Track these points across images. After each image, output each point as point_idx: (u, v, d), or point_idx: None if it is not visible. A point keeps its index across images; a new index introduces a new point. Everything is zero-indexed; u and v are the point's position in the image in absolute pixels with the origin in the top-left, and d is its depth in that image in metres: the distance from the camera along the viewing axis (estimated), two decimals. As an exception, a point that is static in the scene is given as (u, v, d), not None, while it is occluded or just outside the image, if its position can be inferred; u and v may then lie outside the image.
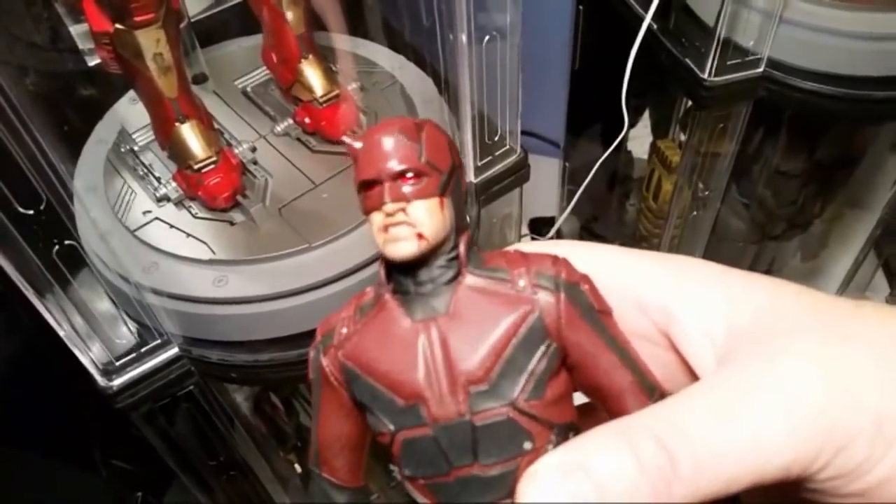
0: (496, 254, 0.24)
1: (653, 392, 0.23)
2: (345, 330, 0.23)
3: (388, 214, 0.22)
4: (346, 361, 0.23)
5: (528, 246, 0.26)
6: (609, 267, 0.25)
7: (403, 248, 0.22)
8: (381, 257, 0.23)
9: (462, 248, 0.23)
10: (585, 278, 0.23)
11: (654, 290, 0.25)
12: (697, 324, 0.24)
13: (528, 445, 0.22)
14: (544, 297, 0.22)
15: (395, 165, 0.22)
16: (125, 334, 0.48)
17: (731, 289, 0.24)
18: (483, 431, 0.21)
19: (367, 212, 0.22)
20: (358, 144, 0.23)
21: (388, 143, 0.22)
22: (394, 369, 0.22)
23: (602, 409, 0.24)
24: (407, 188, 0.22)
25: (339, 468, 0.25)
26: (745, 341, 0.23)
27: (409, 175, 0.22)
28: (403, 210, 0.22)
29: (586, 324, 0.23)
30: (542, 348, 0.22)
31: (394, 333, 0.22)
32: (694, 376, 0.24)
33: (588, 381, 0.24)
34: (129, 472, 0.78)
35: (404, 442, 0.22)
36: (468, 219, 0.26)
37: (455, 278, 0.23)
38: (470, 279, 0.23)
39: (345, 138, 0.24)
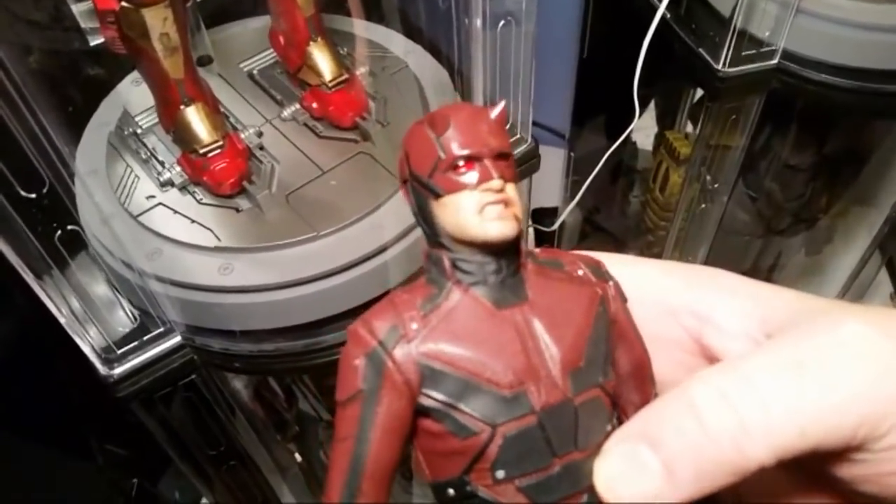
0: (544, 250, 0.24)
1: (653, 381, 0.24)
2: (415, 325, 0.21)
3: (491, 191, 0.21)
4: (426, 359, 0.21)
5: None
6: (640, 277, 0.26)
7: (506, 227, 0.21)
8: (435, 249, 0.22)
9: (521, 241, 0.22)
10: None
11: (684, 297, 0.26)
12: (734, 322, 0.24)
13: (608, 426, 0.22)
14: (602, 285, 0.23)
15: (499, 145, 0.21)
16: (127, 322, 0.47)
17: (759, 292, 0.25)
18: (582, 412, 0.21)
19: (457, 190, 0.21)
20: (445, 119, 0.21)
21: (486, 121, 0.22)
22: (490, 359, 0.21)
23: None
24: (505, 168, 0.21)
25: (376, 498, 0.21)
26: (791, 322, 0.23)
27: (503, 157, 0.22)
28: (503, 190, 0.21)
29: (624, 311, 0.24)
30: (608, 330, 0.23)
31: (482, 323, 0.21)
32: None
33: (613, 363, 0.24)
34: (126, 459, 0.77)
35: (507, 437, 0.21)
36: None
37: (519, 269, 0.22)
38: (533, 268, 0.23)
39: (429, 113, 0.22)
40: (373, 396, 0.21)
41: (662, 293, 0.26)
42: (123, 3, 0.41)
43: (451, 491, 0.21)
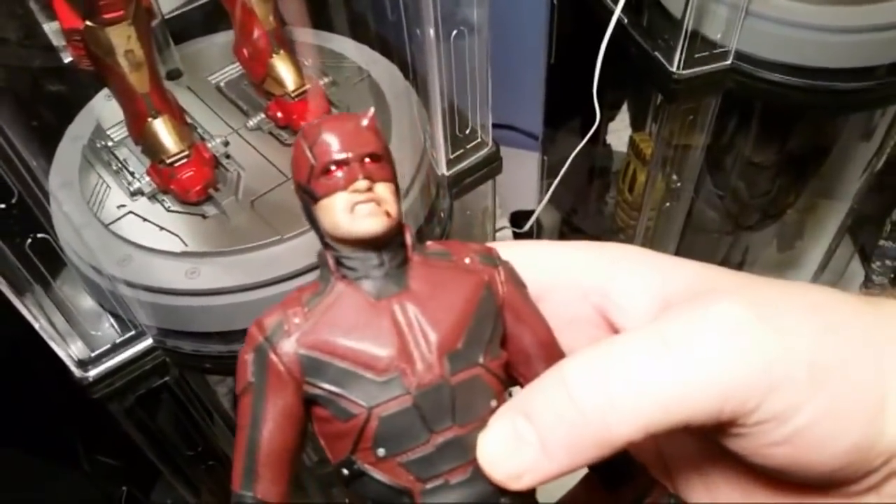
0: (435, 243, 0.26)
1: (562, 357, 0.25)
2: (297, 320, 0.23)
3: (358, 192, 0.22)
4: (307, 351, 0.23)
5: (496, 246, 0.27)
6: (551, 258, 0.27)
7: (375, 223, 0.23)
8: (323, 251, 0.24)
9: (408, 235, 0.24)
10: (509, 261, 0.26)
11: (592, 276, 0.27)
12: (634, 299, 0.26)
13: (493, 403, 0.23)
14: (489, 271, 0.25)
15: (364, 147, 0.23)
16: (100, 326, 0.49)
17: (662, 267, 0.26)
18: (459, 391, 0.23)
19: (330, 193, 0.23)
20: (316, 130, 0.23)
21: (354, 127, 0.23)
22: (366, 346, 0.22)
23: (517, 374, 0.26)
24: (374, 169, 0.23)
25: (275, 485, 0.23)
26: (691, 293, 0.24)
27: (373, 159, 0.23)
28: (371, 189, 0.23)
29: (518, 293, 0.25)
30: (495, 313, 0.24)
31: (359, 314, 0.23)
32: None
33: (516, 349, 0.25)
34: (114, 468, 0.78)
35: (382, 418, 0.22)
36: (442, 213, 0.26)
37: (405, 262, 0.24)
38: (419, 260, 0.24)
39: (303, 124, 0.24)
40: (261, 388, 0.23)
41: (572, 274, 0.27)
42: (88, 23, 0.43)
43: (345, 471, 0.23)
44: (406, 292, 0.23)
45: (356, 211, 0.22)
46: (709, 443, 0.24)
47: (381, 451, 0.22)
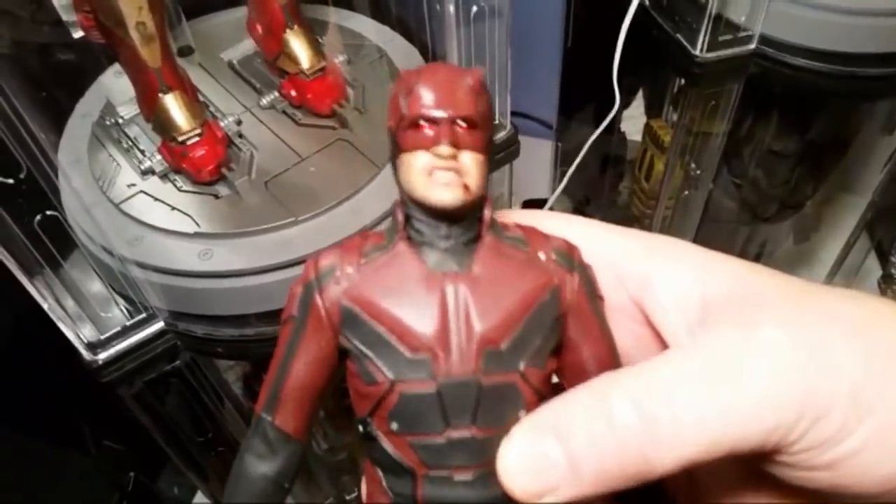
0: (513, 224, 0.24)
1: None
2: (350, 270, 0.22)
3: (440, 157, 0.21)
4: (349, 303, 0.22)
5: (523, 215, 0.26)
6: (594, 240, 0.26)
7: (450, 195, 0.21)
8: (398, 202, 0.22)
9: (487, 211, 0.22)
10: (591, 266, 0.24)
11: (632, 263, 0.26)
12: (672, 294, 0.24)
13: (522, 414, 0.22)
14: (562, 273, 0.23)
15: (460, 109, 0.21)
16: (110, 308, 0.48)
17: (705, 263, 0.25)
18: (488, 393, 0.21)
19: (411, 149, 0.21)
20: (415, 77, 0.22)
21: (455, 85, 0.21)
22: (406, 317, 0.21)
23: (567, 384, 0.24)
24: (464, 135, 0.21)
25: (294, 418, 0.23)
26: (721, 310, 0.23)
27: (467, 124, 0.21)
28: (455, 157, 0.21)
29: (589, 307, 0.24)
30: (553, 321, 0.23)
31: (410, 282, 0.22)
32: (665, 350, 0.24)
33: (572, 362, 0.24)
34: (121, 453, 0.78)
35: (402, 395, 0.21)
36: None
37: (476, 239, 0.22)
38: (491, 242, 0.23)
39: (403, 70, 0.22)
40: (300, 325, 0.23)
41: (614, 258, 0.26)
42: (99, -8, 0.42)
43: (360, 427, 0.23)
44: (465, 274, 0.22)
45: (434, 176, 0.21)
46: (741, 463, 0.24)
47: (394, 426, 0.22)
